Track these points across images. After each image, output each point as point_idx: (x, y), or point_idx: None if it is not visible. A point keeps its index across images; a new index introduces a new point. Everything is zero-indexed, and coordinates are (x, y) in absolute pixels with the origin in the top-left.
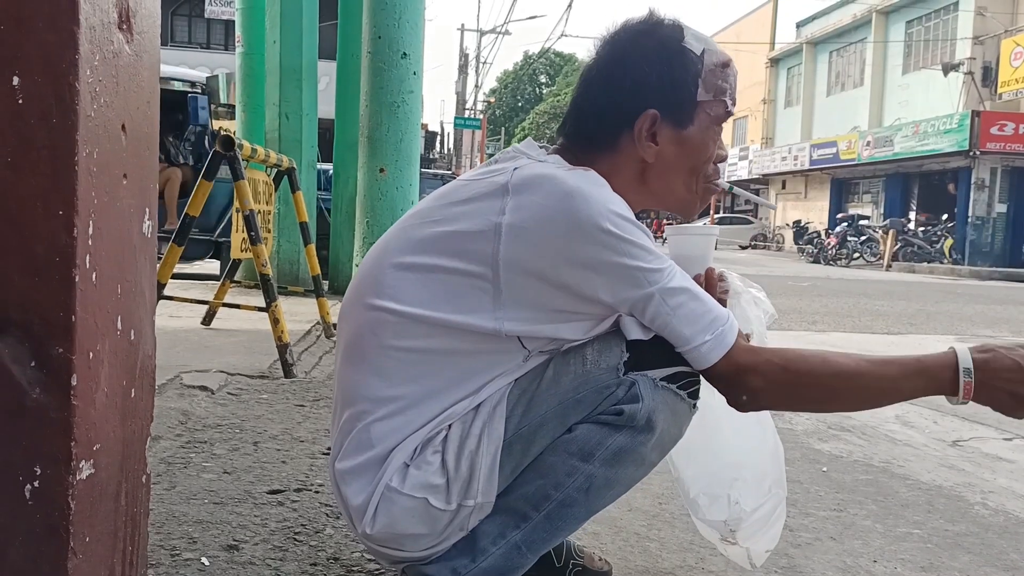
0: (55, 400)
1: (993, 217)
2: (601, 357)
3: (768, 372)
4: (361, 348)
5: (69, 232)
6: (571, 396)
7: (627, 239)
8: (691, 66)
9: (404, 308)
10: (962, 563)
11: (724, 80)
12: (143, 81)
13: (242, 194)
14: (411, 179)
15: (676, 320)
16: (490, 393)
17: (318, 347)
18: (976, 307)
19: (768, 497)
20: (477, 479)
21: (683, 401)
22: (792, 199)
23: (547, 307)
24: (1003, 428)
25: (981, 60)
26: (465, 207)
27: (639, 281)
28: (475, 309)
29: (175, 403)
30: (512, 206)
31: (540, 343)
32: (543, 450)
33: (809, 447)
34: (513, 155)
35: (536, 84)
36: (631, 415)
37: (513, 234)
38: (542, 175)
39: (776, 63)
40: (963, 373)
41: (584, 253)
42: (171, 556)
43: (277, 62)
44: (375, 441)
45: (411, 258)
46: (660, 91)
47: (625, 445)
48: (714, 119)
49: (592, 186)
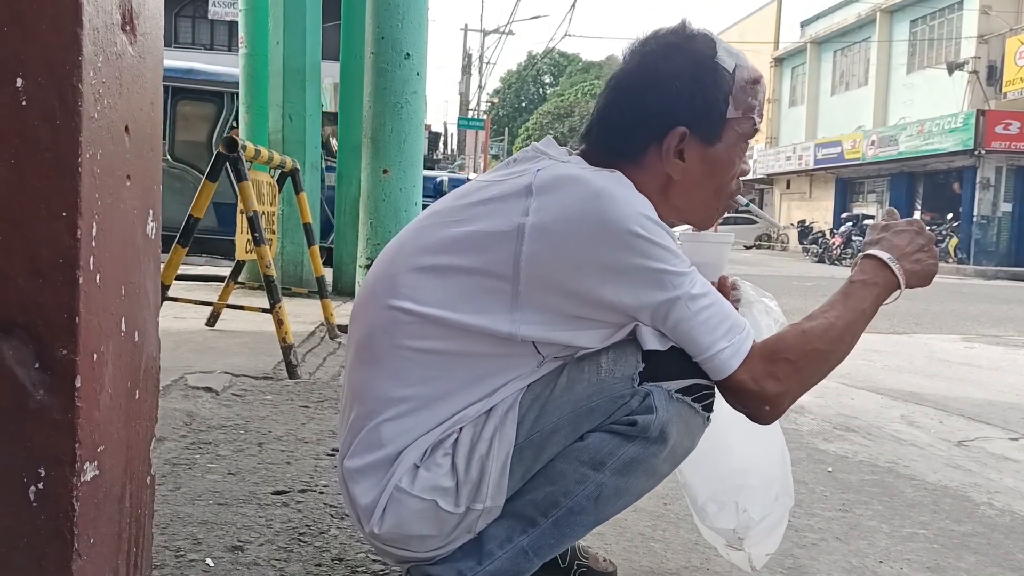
0: (59, 402)
1: (998, 216)
2: (616, 366)
3: (780, 372)
4: (373, 348)
5: (73, 234)
6: (584, 404)
7: (655, 242)
8: (723, 84)
9: (422, 309)
10: (968, 563)
11: (754, 97)
12: (146, 83)
13: (246, 196)
14: (415, 180)
15: (698, 326)
16: (503, 397)
17: (322, 348)
18: (981, 306)
19: (776, 506)
20: (487, 483)
21: (697, 414)
22: (797, 199)
23: (565, 312)
24: (1009, 428)
25: (986, 59)
26: (487, 207)
27: (664, 285)
28: (491, 311)
29: (179, 404)
30: (536, 207)
31: (555, 349)
32: (554, 457)
33: (814, 447)
34: (534, 155)
35: (540, 84)
36: (644, 426)
37: (536, 235)
38: (568, 175)
39: (780, 62)
40: (890, 262)
41: (610, 255)
42: (176, 557)
43: (280, 63)
44: (385, 441)
45: (430, 258)
46: (691, 109)
47: (637, 456)
48: (741, 136)
49: (619, 187)
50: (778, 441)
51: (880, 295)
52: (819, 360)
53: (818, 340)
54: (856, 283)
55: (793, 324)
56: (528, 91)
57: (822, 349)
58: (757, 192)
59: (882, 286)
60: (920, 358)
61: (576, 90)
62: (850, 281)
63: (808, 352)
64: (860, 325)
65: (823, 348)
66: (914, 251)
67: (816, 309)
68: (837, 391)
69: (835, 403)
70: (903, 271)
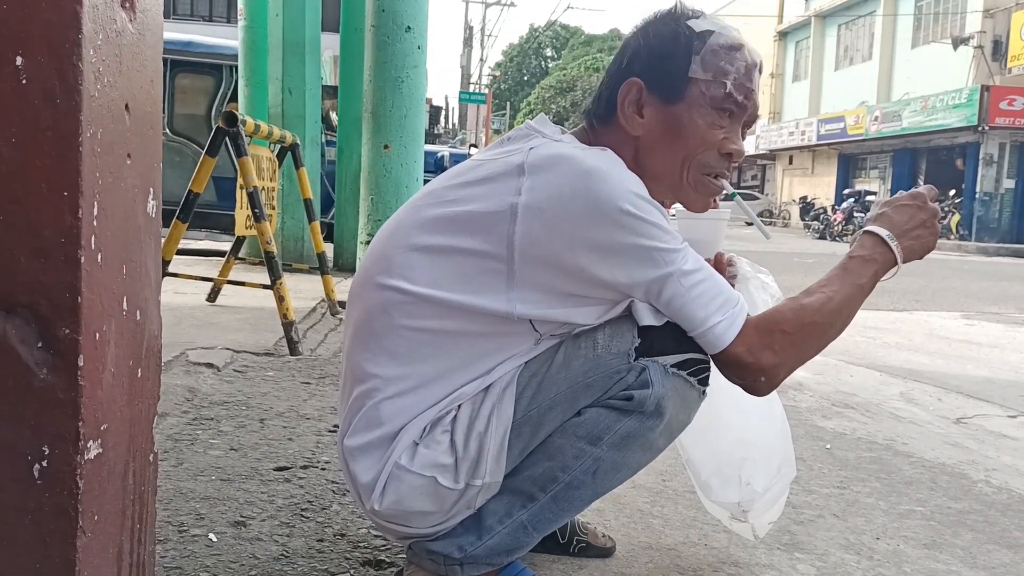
0: (62, 380)
1: (1001, 193)
2: (612, 342)
3: (776, 343)
4: (372, 327)
5: (74, 213)
6: (581, 380)
7: (646, 219)
8: (683, 39)
9: (416, 288)
10: (965, 540)
11: (729, 63)
12: (146, 60)
13: (246, 171)
14: (416, 156)
15: (691, 301)
16: (500, 375)
17: (323, 324)
18: (982, 283)
19: (778, 477)
20: (485, 459)
21: (693, 388)
22: (799, 175)
23: (560, 290)
24: (1007, 406)
25: (991, 33)
26: (480, 188)
27: (657, 262)
28: (487, 291)
29: (181, 380)
30: (528, 186)
31: (552, 327)
32: (552, 432)
33: (813, 424)
34: (527, 132)
35: (542, 58)
36: (641, 401)
37: (530, 214)
38: (559, 155)
39: (784, 36)
40: (889, 239)
41: (602, 234)
42: (179, 532)
43: (280, 36)
44: (385, 419)
45: (424, 238)
46: (648, 62)
47: (634, 430)
48: (711, 100)
49: (610, 165)
50: (778, 413)
51: (878, 271)
52: (815, 333)
53: (815, 313)
54: (855, 259)
55: (790, 298)
56: (530, 64)
57: (818, 322)
58: (759, 168)
59: (880, 263)
60: (919, 335)
61: (579, 64)
62: (849, 256)
63: (804, 325)
64: (857, 300)
65: (819, 321)
66: (914, 227)
67: (813, 284)
68: (836, 368)
69: (834, 380)
70: (901, 248)
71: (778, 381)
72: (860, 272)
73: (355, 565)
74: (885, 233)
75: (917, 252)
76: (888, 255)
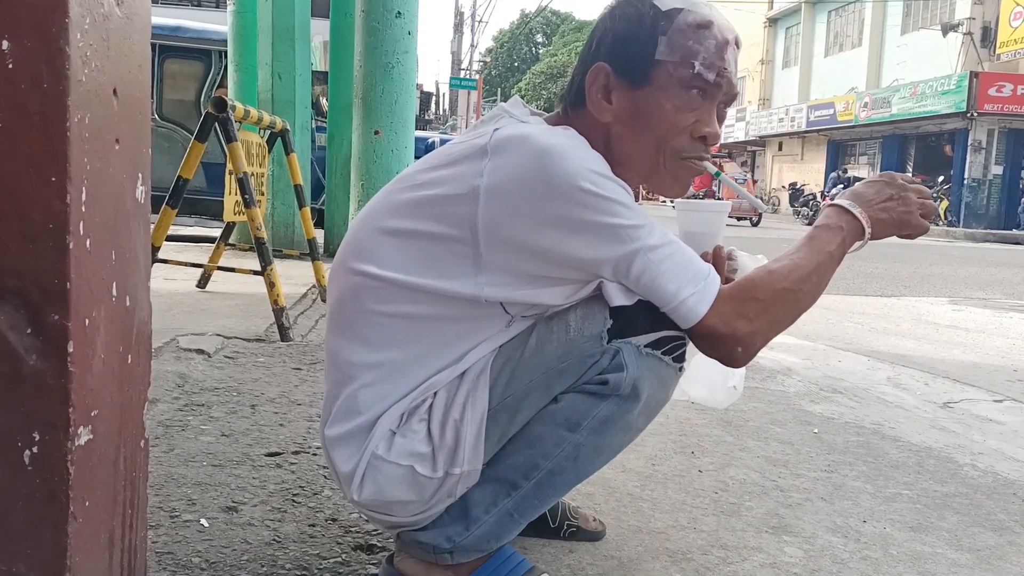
0: (52, 367)
1: (989, 179)
2: (584, 324)
3: (749, 311)
4: (345, 314)
5: (62, 199)
6: (555, 366)
7: (605, 196)
8: (648, 20)
9: (384, 273)
10: (951, 523)
11: (697, 42)
12: (134, 45)
13: (235, 157)
14: (406, 141)
15: (661, 275)
16: (474, 360)
17: (314, 311)
18: (970, 269)
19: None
20: (463, 447)
21: (668, 366)
22: (788, 161)
23: (528, 272)
24: (994, 391)
25: (980, 20)
26: (447, 171)
27: (622, 238)
28: (456, 275)
29: (172, 366)
30: (490, 168)
31: (522, 308)
32: (530, 420)
33: (800, 409)
34: (497, 114)
35: (533, 44)
36: (616, 384)
37: (491, 196)
38: (519, 135)
39: (774, 23)
40: (851, 207)
41: (562, 213)
42: (171, 518)
43: (270, 21)
44: (362, 408)
45: (393, 222)
46: (612, 45)
47: (611, 414)
48: (680, 82)
49: (568, 144)
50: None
51: (846, 239)
52: (787, 300)
53: (784, 280)
54: (820, 227)
55: (758, 267)
56: (521, 51)
57: (789, 288)
58: (749, 154)
59: (847, 231)
60: (907, 321)
61: (569, 50)
62: (814, 226)
63: (776, 291)
64: (827, 267)
65: (790, 287)
66: (881, 200)
67: (782, 253)
68: (824, 353)
69: (822, 365)
70: (868, 217)
71: (755, 351)
72: (826, 239)
73: (347, 550)
74: (847, 203)
75: (891, 225)
76: (854, 224)
